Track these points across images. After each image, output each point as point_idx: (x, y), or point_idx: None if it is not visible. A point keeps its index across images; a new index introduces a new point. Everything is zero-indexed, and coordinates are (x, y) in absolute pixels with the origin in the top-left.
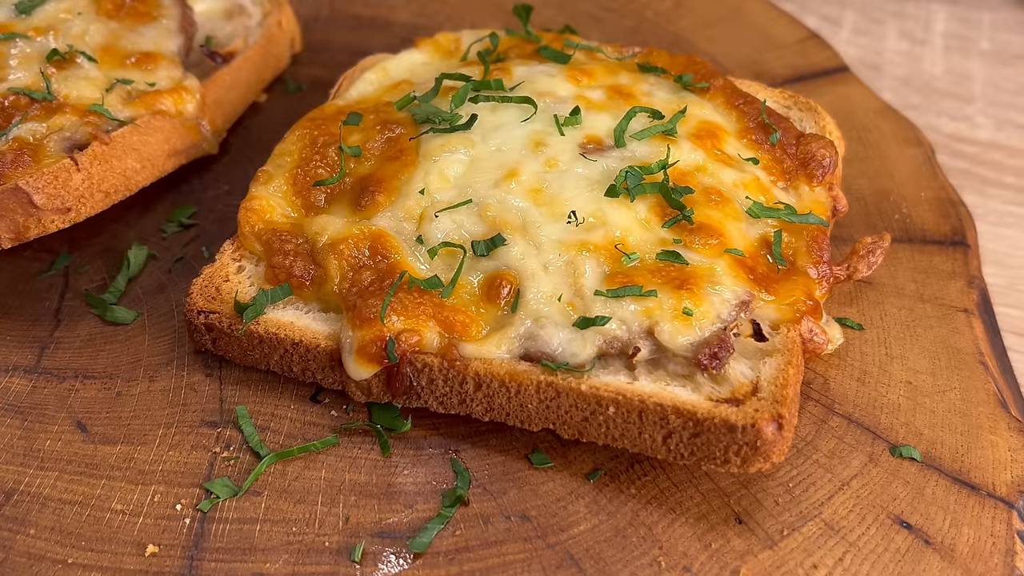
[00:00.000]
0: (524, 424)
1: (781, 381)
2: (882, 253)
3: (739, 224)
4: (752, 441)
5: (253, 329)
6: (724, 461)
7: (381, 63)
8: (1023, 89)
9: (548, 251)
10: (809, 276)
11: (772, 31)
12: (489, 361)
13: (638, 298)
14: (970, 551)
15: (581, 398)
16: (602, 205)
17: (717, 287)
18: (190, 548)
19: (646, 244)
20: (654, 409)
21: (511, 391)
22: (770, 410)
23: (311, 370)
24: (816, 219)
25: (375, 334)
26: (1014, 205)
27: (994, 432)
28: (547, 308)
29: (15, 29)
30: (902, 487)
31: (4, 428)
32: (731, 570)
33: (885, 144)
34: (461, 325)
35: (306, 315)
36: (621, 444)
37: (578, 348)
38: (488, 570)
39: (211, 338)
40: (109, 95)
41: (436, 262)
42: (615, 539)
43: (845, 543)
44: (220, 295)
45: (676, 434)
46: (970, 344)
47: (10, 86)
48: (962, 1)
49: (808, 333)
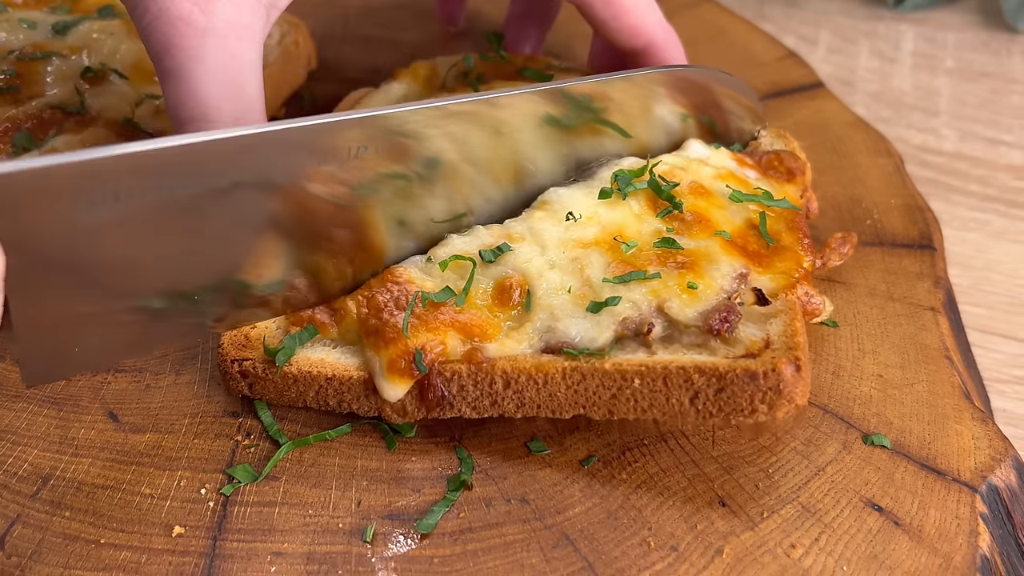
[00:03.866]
0: (556, 413)
1: (791, 332)
2: (851, 247)
3: (724, 211)
4: (775, 385)
5: (287, 370)
6: (752, 411)
7: (365, 98)
8: (986, 104)
9: (552, 251)
10: (796, 250)
11: (753, 50)
12: (514, 358)
13: (644, 281)
14: (936, 532)
15: (607, 376)
16: (596, 207)
17: (716, 264)
18: (214, 529)
19: (643, 234)
20: (677, 373)
21: (539, 383)
22: (786, 355)
23: (346, 401)
24: (790, 204)
25: (401, 350)
26: (977, 211)
27: (959, 422)
28: (559, 300)
29: (51, 48)
30: (874, 472)
31: (41, 418)
32: (715, 549)
33: (858, 154)
34: (479, 329)
35: (334, 351)
36: (651, 415)
37: (596, 334)
38: (490, 549)
39: (247, 384)
40: (139, 109)
41: (446, 274)
42: (607, 521)
43: (821, 524)
44: (250, 342)
45: (702, 393)
46: (937, 340)
47: (47, 101)
48: (929, 22)
49: (805, 296)
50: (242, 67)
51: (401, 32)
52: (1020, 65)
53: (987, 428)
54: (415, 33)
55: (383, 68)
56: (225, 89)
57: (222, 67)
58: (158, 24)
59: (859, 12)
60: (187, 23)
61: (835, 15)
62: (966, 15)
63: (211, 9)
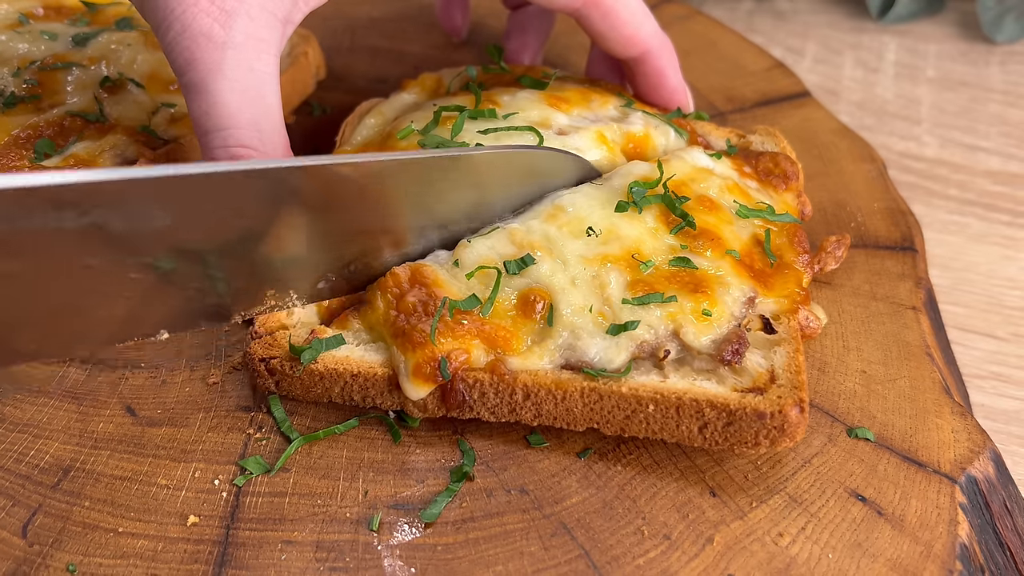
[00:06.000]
0: (570, 425)
1: (795, 368)
2: (845, 249)
3: (732, 226)
4: (780, 425)
5: (313, 368)
6: (755, 444)
7: (376, 107)
8: (965, 112)
9: (574, 266)
10: (796, 268)
11: (742, 61)
12: (535, 372)
13: (661, 304)
14: (918, 521)
15: (623, 399)
16: (614, 220)
17: (727, 288)
18: (227, 518)
19: (658, 252)
20: (690, 404)
21: (557, 398)
22: (792, 396)
23: (371, 396)
24: (792, 218)
25: (427, 356)
26: (957, 215)
27: (939, 416)
28: (581, 320)
29: (71, 59)
30: (858, 464)
31: (62, 412)
32: (706, 538)
33: (842, 160)
34: (503, 340)
35: (357, 348)
36: (660, 436)
37: (613, 355)
38: (491, 538)
39: (274, 381)
40: (155, 117)
41: (472, 282)
42: (603, 510)
43: (807, 514)
44: (276, 342)
45: (711, 424)
46: (918, 338)
47: (67, 109)
48: (911, 34)
49: (805, 320)
50: (260, 78)
51: (406, 44)
52: (998, 75)
53: (966, 422)
54: (419, 44)
55: (389, 78)
56: (244, 98)
57: (241, 78)
58: (181, 40)
59: (844, 24)
60: (208, 38)
61: (821, 27)
62: (946, 27)
63: (230, 24)
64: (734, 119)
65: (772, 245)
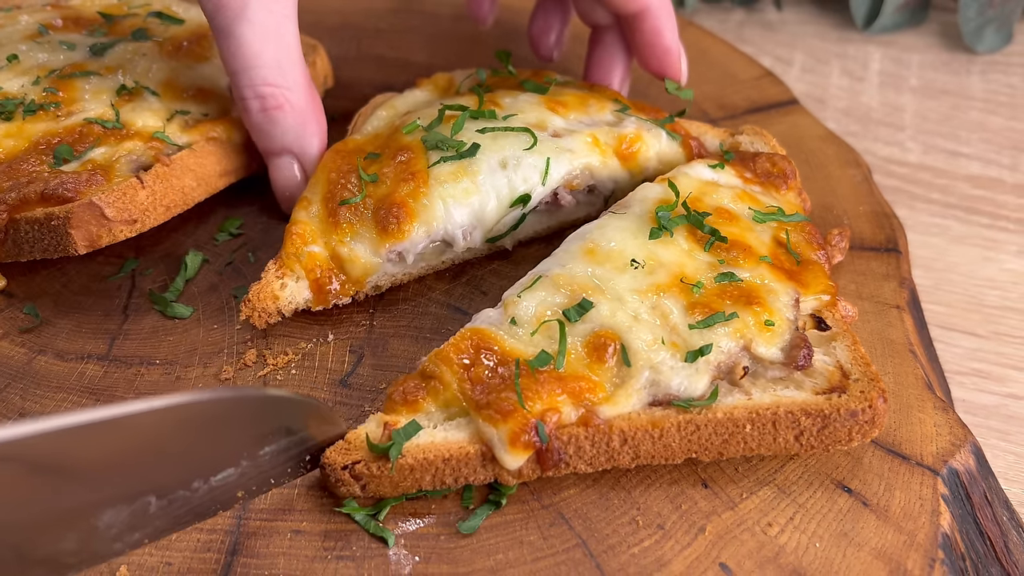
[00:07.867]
0: (668, 460)
1: (863, 360)
2: (847, 242)
3: (754, 233)
4: (871, 418)
5: (401, 462)
6: (848, 441)
7: (389, 100)
8: (947, 119)
9: (630, 302)
10: (819, 263)
11: (733, 69)
12: (628, 416)
13: (725, 322)
14: (901, 511)
15: (720, 425)
16: (651, 248)
17: (776, 295)
18: (239, 508)
19: (700, 271)
20: (786, 416)
21: (654, 437)
22: (873, 388)
23: (463, 476)
24: (803, 217)
25: (520, 423)
26: (939, 218)
27: (922, 411)
28: (658, 355)
29: (89, 68)
30: (844, 457)
31: (80, 407)
32: (698, 527)
33: (829, 166)
34: (588, 390)
35: (436, 430)
36: (756, 452)
37: (696, 381)
38: (492, 527)
39: (360, 485)
40: (170, 124)
41: (536, 339)
42: (599, 501)
43: (795, 504)
44: (351, 445)
45: (807, 432)
46: (902, 336)
47: (85, 116)
48: (895, 44)
49: (844, 311)
50: (278, 19)
51: (411, 53)
52: (978, 83)
53: (948, 416)
54: (424, 54)
55: (394, 87)
56: (265, 39)
57: (262, 20)
58: None
59: (831, 35)
60: None
61: (809, 37)
62: (929, 37)
63: None
64: (725, 125)
65: (792, 244)
